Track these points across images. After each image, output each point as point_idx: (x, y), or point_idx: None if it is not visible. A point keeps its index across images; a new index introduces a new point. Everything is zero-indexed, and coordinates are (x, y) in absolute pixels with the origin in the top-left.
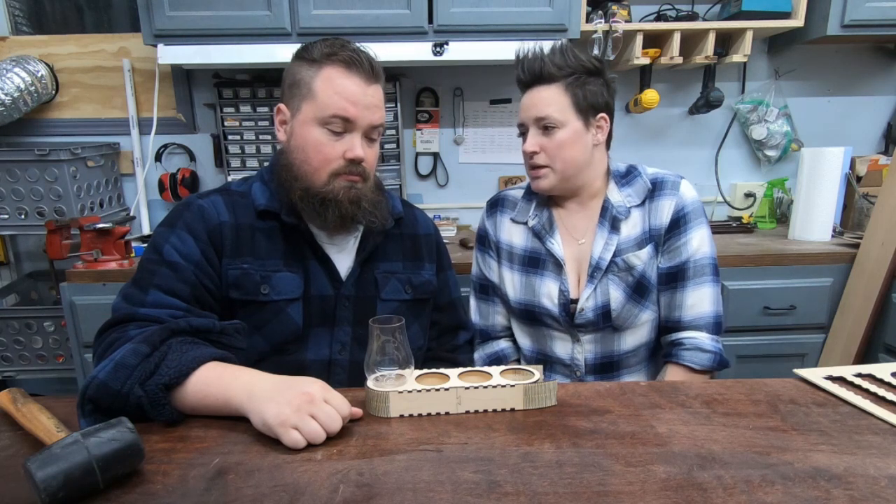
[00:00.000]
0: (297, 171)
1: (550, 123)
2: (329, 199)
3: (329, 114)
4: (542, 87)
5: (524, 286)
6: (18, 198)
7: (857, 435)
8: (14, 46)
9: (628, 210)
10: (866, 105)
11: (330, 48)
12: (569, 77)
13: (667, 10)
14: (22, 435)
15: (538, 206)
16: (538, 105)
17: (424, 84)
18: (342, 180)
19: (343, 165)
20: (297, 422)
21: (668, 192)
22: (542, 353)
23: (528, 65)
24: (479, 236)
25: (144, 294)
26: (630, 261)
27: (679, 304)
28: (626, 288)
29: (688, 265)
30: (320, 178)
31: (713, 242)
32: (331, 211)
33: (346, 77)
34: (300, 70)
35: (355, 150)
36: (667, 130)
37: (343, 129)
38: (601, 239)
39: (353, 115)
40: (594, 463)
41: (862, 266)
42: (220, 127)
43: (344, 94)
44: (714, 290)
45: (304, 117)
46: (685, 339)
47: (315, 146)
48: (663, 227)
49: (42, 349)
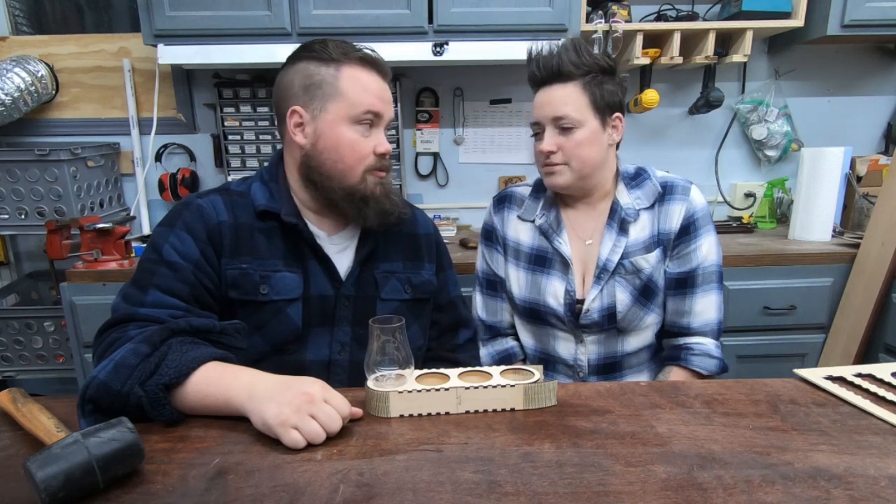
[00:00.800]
0: (331, 171)
1: (568, 123)
2: (367, 196)
3: (362, 111)
4: (559, 86)
5: (530, 284)
6: (18, 198)
7: (857, 435)
8: (14, 46)
9: (637, 212)
10: (866, 105)
11: (342, 48)
12: (586, 76)
13: (667, 10)
14: (22, 435)
15: (545, 204)
16: (555, 103)
17: (424, 84)
18: (373, 176)
19: (374, 161)
20: (297, 422)
21: (678, 197)
22: (545, 352)
23: (544, 62)
24: (485, 231)
25: (144, 294)
26: (638, 263)
27: (688, 310)
28: (632, 290)
29: (697, 272)
30: (355, 176)
31: (720, 249)
32: (371, 207)
33: (368, 74)
34: (317, 70)
35: (385, 144)
36: (667, 130)
37: (372, 125)
38: (609, 240)
39: (381, 109)
40: (594, 463)
41: (862, 266)
42: (220, 127)
43: (371, 90)
44: (719, 298)
45: (332, 117)
46: (694, 344)
47: (349, 145)
48: (673, 232)
49: (42, 349)
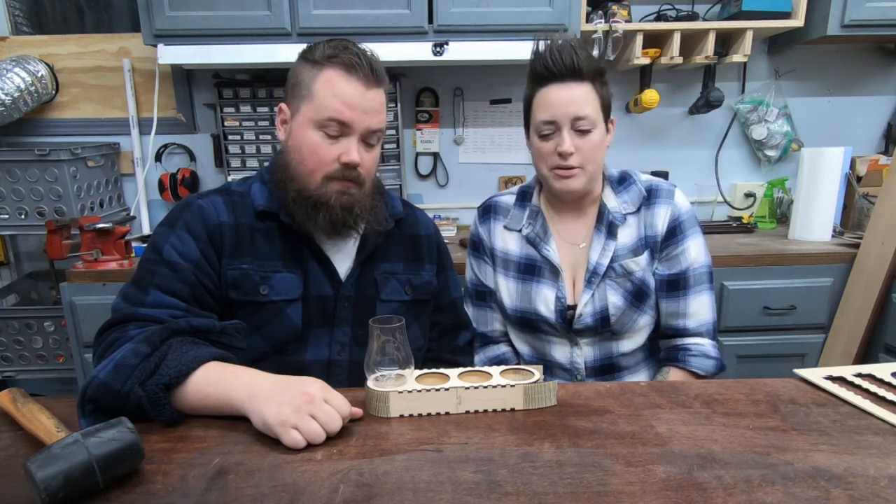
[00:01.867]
0: (293, 172)
1: (587, 125)
2: (321, 202)
3: (325, 116)
4: (574, 84)
5: (520, 294)
6: (18, 198)
7: (857, 435)
8: (14, 46)
9: (624, 216)
10: (866, 105)
11: (332, 50)
12: (595, 77)
13: (667, 10)
14: (22, 435)
15: (531, 213)
16: (577, 102)
17: (424, 84)
18: (336, 185)
19: (338, 169)
20: (297, 422)
21: (663, 201)
22: (542, 358)
23: (559, 57)
24: (472, 243)
25: (144, 294)
26: (628, 266)
27: (682, 311)
28: (624, 293)
29: (688, 273)
30: (314, 181)
31: (708, 249)
32: (321, 215)
33: (346, 80)
34: (302, 71)
35: (350, 154)
36: (667, 130)
37: (339, 133)
38: (598, 244)
39: (349, 118)
40: (594, 463)
41: (862, 266)
42: (220, 127)
43: (341, 97)
44: (711, 297)
45: (302, 118)
46: (692, 345)
47: (310, 148)
48: (659, 235)
49: (42, 349)
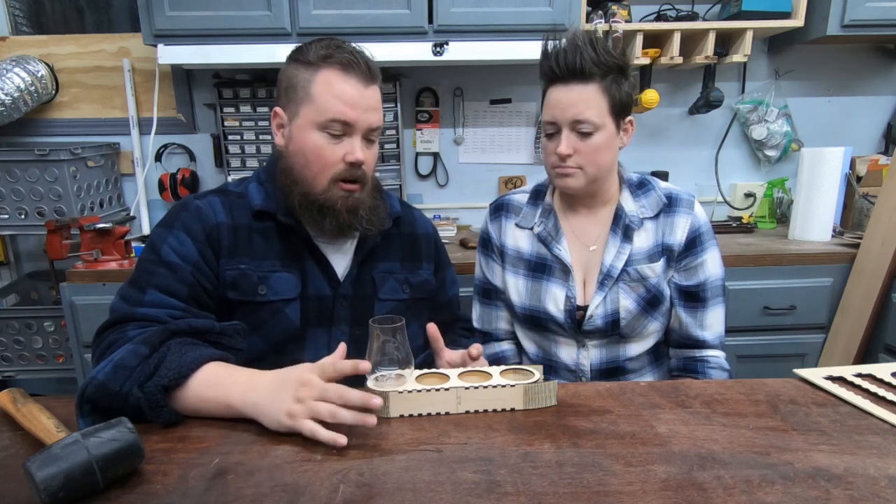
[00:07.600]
0: (297, 176)
1: (588, 128)
2: (327, 206)
3: (328, 118)
4: (579, 86)
5: (530, 291)
6: (18, 198)
7: (857, 435)
8: (14, 46)
9: (641, 221)
10: (866, 105)
11: (326, 50)
12: (606, 76)
13: (667, 10)
14: (22, 435)
15: (544, 212)
16: (578, 105)
17: (424, 84)
18: (341, 188)
19: (343, 169)
20: (307, 410)
21: (683, 210)
22: (548, 358)
23: (564, 58)
24: (482, 240)
25: (142, 294)
26: (643, 272)
27: (700, 323)
28: (637, 298)
29: (706, 285)
30: (320, 184)
31: (723, 263)
32: (329, 219)
33: (344, 80)
34: (296, 73)
35: (355, 153)
36: (667, 130)
37: (342, 133)
38: (613, 247)
39: (353, 118)
40: (594, 463)
41: (862, 266)
42: (220, 127)
43: (342, 97)
44: (724, 310)
45: (302, 122)
46: (710, 357)
47: (315, 150)
48: (678, 244)
49: (42, 349)
